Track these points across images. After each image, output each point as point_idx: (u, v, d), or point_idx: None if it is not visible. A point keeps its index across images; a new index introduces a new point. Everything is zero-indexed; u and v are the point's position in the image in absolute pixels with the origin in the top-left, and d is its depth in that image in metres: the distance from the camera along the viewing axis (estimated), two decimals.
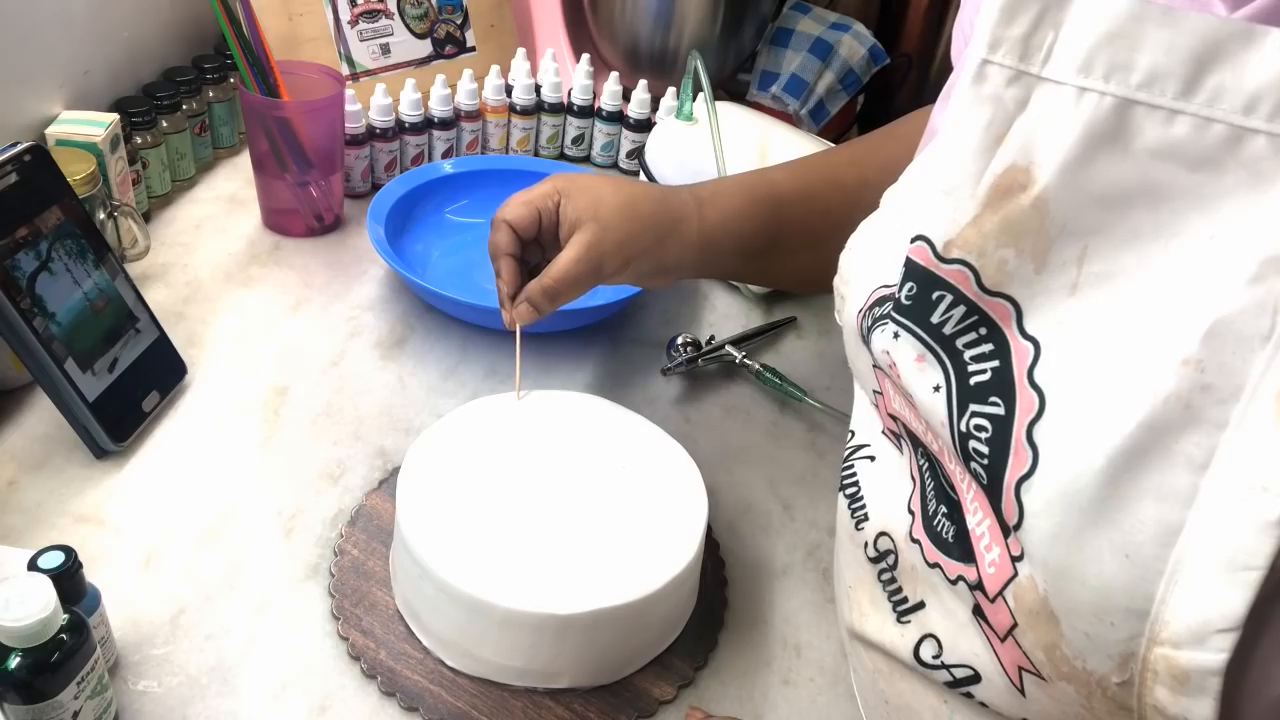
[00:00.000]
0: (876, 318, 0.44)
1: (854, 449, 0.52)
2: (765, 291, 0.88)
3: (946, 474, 0.43)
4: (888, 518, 0.47)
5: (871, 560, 0.48)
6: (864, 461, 0.51)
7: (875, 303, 0.45)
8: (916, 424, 0.44)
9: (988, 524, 0.39)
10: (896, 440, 0.48)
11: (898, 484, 0.47)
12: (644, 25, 1.07)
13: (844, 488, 0.51)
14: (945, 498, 0.43)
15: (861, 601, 0.49)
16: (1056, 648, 0.36)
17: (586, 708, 0.54)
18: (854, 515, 0.50)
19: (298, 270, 0.84)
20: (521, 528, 0.55)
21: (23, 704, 0.43)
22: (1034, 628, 0.37)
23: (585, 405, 0.64)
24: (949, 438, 0.40)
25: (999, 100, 0.37)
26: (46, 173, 0.63)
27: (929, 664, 0.44)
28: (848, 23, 1.13)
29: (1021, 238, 0.36)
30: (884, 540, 0.47)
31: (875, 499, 0.49)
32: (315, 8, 0.95)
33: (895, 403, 0.46)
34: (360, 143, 0.92)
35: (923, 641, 0.45)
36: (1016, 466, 0.36)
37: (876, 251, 0.47)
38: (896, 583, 0.46)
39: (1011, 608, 0.38)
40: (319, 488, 0.65)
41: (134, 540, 0.59)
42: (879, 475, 0.49)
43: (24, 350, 0.60)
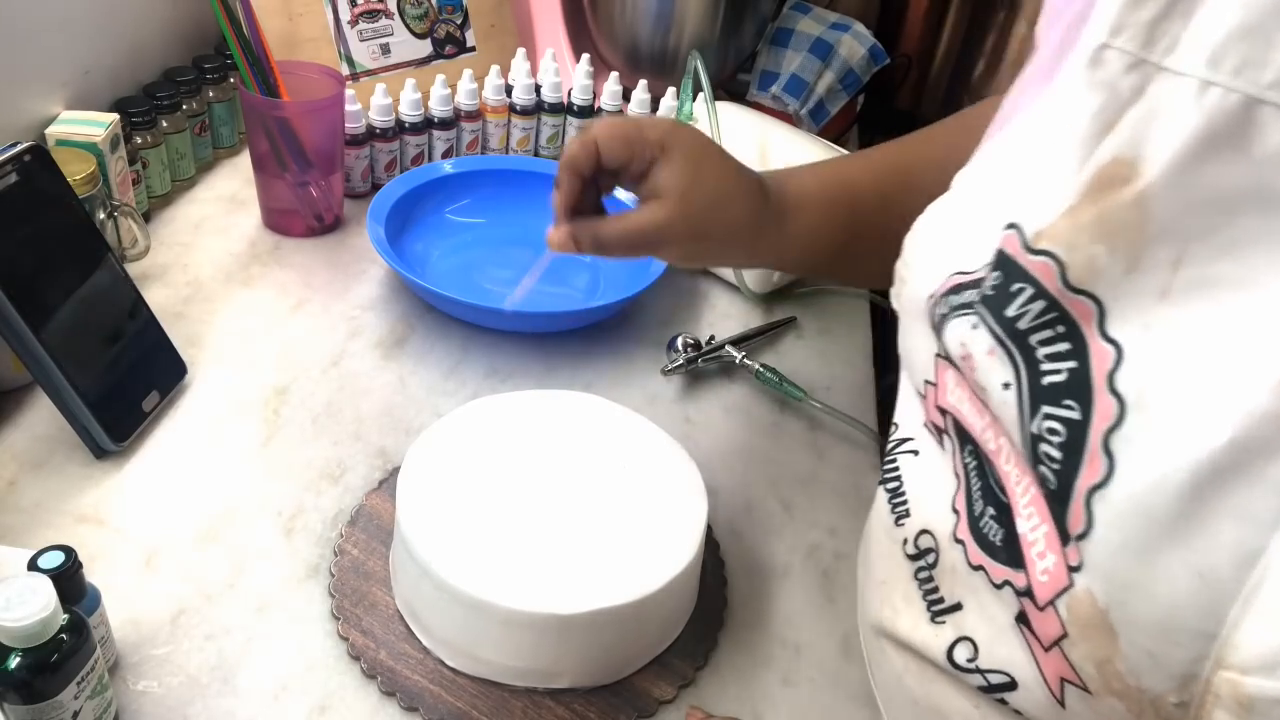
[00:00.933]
0: (954, 306, 0.42)
1: (897, 442, 0.50)
2: (765, 291, 0.88)
3: (998, 475, 0.41)
4: (930, 515, 0.45)
5: (909, 557, 0.46)
6: (907, 456, 0.49)
7: (952, 289, 0.42)
8: (975, 420, 0.42)
9: (1044, 530, 0.37)
10: (938, 435, 0.46)
11: (941, 480, 0.45)
12: (644, 25, 1.07)
13: (885, 481, 0.49)
14: (994, 500, 0.41)
15: (894, 598, 0.48)
16: (1110, 662, 0.35)
17: (586, 708, 0.54)
18: (894, 510, 0.48)
19: (298, 270, 0.84)
20: (522, 527, 0.55)
21: (23, 704, 0.43)
22: (1087, 640, 0.35)
23: (585, 405, 0.64)
24: (1019, 438, 0.38)
25: (1113, 87, 0.35)
26: (46, 173, 0.63)
27: (963, 667, 0.43)
28: (848, 23, 1.13)
29: (1117, 234, 0.34)
30: (925, 539, 0.45)
31: (917, 495, 0.47)
32: (315, 8, 0.95)
33: (950, 396, 0.44)
34: (360, 143, 0.92)
35: (957, 644, 0.43)
36: (1089, 474, 0.35)
37: (949, 234, 0.45)
38: (934, 582, 0.45)
39: (1063, 618, 0.36)
40: (319, 488, 0.65)
41: (134, 540, 0.59)
42: (921, 471, 0.47)
43: (24, 350, 0.60)
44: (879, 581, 0.50)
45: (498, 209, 0.92)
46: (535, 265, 0.61)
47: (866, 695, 0.58)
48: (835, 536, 0.68)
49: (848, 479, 0.73)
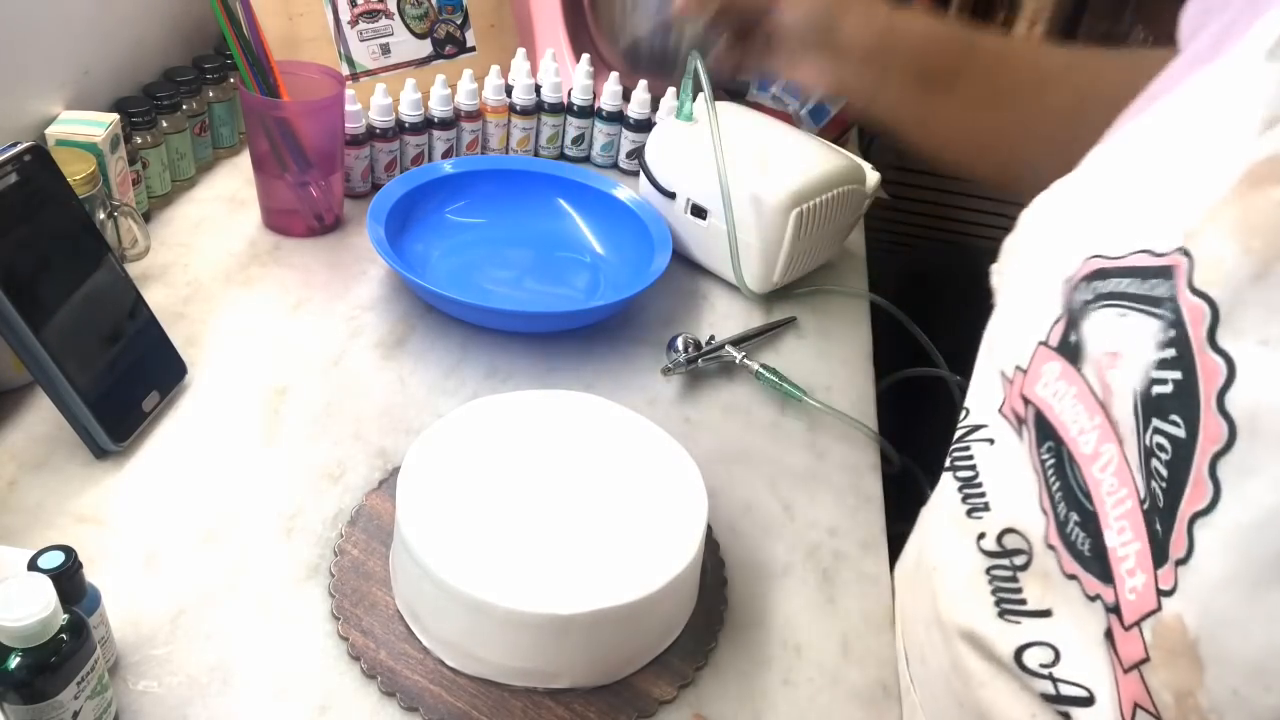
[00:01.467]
0: (1100, 294, 0.39)
1: (969, 428, 0.47)
2: (765, 291, 0.88)
3: (1083, 481, 0.39)
4: (1018, 515, 0.43)
5: (986, 553, 0.44)
6: (982, 444, 0.46)
7: (1095, 274, 0.39)
8: (1078, 420, 0.39)
9: (1136, 547, 0.35)
10: (1017, 425, 0.44)
11: (1022, 475, 0.43)
12: (644, 25, 1.07)
13: (955, 468, 0.47)
14: (1077, 505, 0.39)
15: (953, 587, 0.46)
16: (1191, 695, 0.33)
17: (586, 708, 0.54)
18: (966, 501, 0.46)
19: (298, 270, 0.84)
20: (522, 528, 0.55)
21: (23, 704, 0.43)
22: (1169, 668, 0.34)
23: (585, 405, 0.64)
24: (1135, 448, 0.36)
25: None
26: (46, 173, 0.63)
27: (1032, 670, 0.41)
28: None
29: (1254, 234, 0.31)
30: (1014, 539, 0.43)
31: (1000, 490, 0.44)
32: (315, 8, 0.95)
33: (1043, 389, 0.41)
34: (360, 143, 0.92)
35: (1031, 647, 0.41)
36: (1194, 499, 0.32)
37: (1084, 215, 0.42)
38: (1017, 583, 0.43)
39: (1147, 642, 0.35)
40: (319, 488, 0.65)
41: (134, 540, 0.59)
42: (1001, 462, 0.45)
43: (24, 350, 0.60)
44: (932, 567, 0.48)
45: (498, 209, 0.92)
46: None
47: (867, 695, 0.58)
48: (835, 536, 0.68)
49: (848, 479, 0.73)
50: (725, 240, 0.84)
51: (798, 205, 0.83)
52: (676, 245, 0.88)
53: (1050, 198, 0.45)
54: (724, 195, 0.83)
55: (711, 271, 0.91)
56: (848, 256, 0.99)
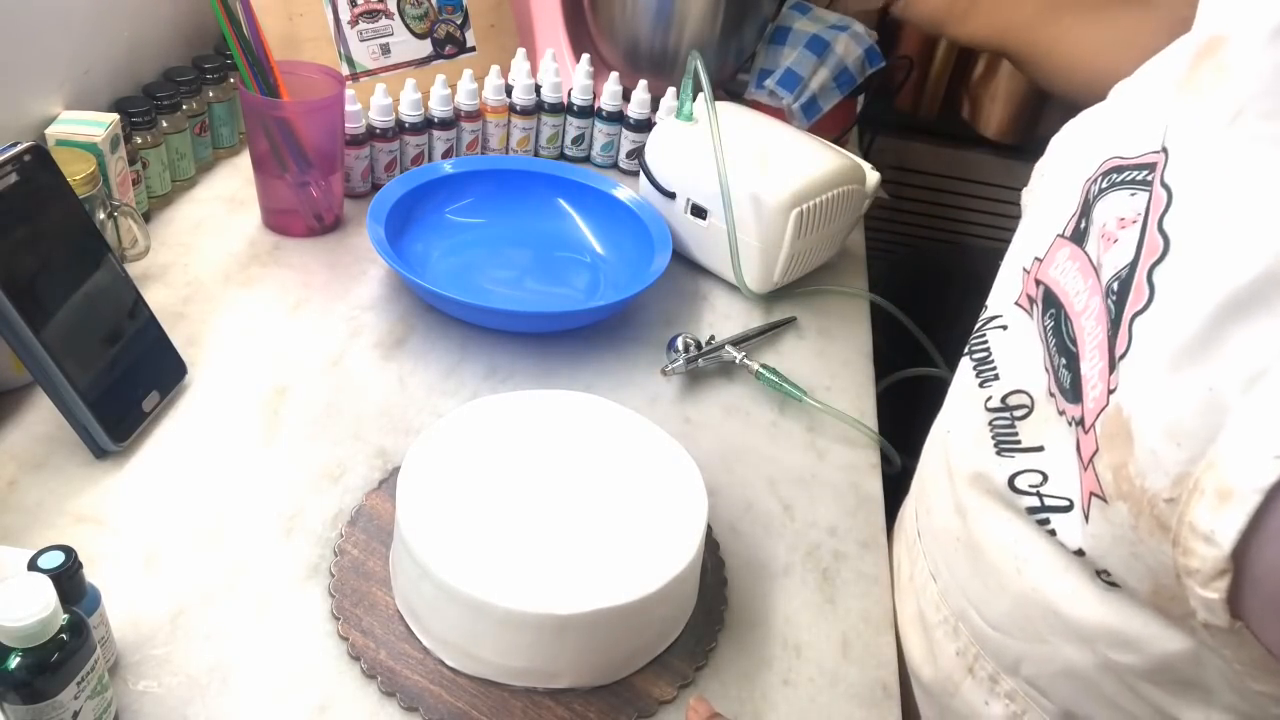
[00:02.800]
0: (1115, 182, 0.47)
1: (987, 320, 0.57)
2: (765, 291, 0.88)
3: (1073, 330, 0.47)
4: (1024, 377, 0.52)
5: (990, 410, 0.53)
6: (996, 331, 0.56)
7: (1113, 169, 0.48)
8: (1076, 284, 0.48)
9: (1099, 367, 0.43)
10: (1029, 306, 0.53)
11: (1031, 348, 0.52)
12: (644, 25, 1.07)
13: (972, 353, 0.57)
14: (1065, 350, 0.48)
15: (963, 442, 0.56)
16: (1124, 467, 0.40)
17: (586, 708, 0.54)
18: (979, 375, 0.55)
19: (298, 270, 0.84)
20: (521, 527, 0.55)
21: (23, 704, 0.43)
22: (1110, 450, 0.41)
23: (585, 405, 0.64)
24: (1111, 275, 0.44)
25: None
26: (46, 173, 0.63)
27: (1022, 490, 0.49)
28: (847, 23, 1.13)
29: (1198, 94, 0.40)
30: (1017, 396, 0.52)
31: (1008, 361, 0.54)
32: (315, 8, 0.95)
33: (1054, 269, 0.50)
34: (360, 143, 0.92)
35: (1022, 474, 0.49)
36: (1134, 301, 0.41)
37: (1107, 128, 0.51)
38: (1014, 429, 0.51)
39: (1098, 434, 0.42)
40: (319, 488, 0.65)
41: (134, 540, 0.59)
42: (1012, 341, 0.54)
43: (24, 350, 0.60)
44: (945, 431, 0.59)
45: (498, 209, 0.92)
46: None
47: (867, 695, 0.58)
48: (835, 536, 0.68)
49: (848, 479, 0.73)
50: (725, 240, 0.84)
51: (798, 205, 0.83)
52: (676, 245, 0.88)
53: (1078, 123, 0.55)
54: (724, 195, 0.83)
55: (711, 271, 0.91)
56: (848, 256, 0.99)
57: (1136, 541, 0.40)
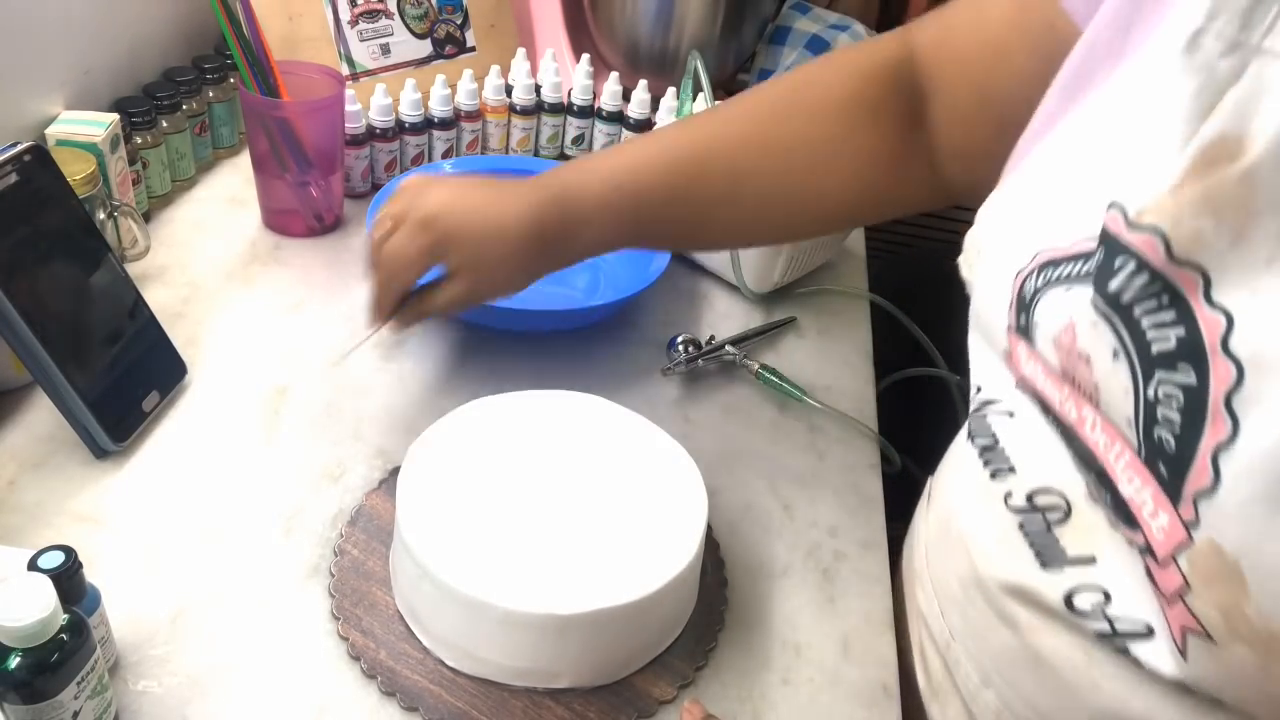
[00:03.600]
0: (1050, 280, 0.43)
1: (984, 403, 0.51)
2: (765, 291, 0.88)
3: (1084, 443, 0.43)
4: (1050, 474, 0.46)
5: (1015, 510, 0.48)
6: (1001, 417, 0.50)
7: (1046, 264, 0.44)
8: (1051, 392, 0.44)
9: (1149, 491, 0.39)
10: (1035, 398, 0.47)
11: (1052, 442, 0.46)
12: (644, 25, 1.07)
13: (974, 438, 0.51)
14: (1088, 465, 0.43)
15: (987, 548, 0.49)
16: (1239, 607, 0.36)
17: (586, 708, 0.54)
18: (988, 466, 0.50)
19: (298, 270, 0.84)
20: (521, 528, 0.55)
21: (23, 704, 0.43)
22: (1211, 589, 0.37)
23: (585, 405, 0.64)
24: (1132, 405, 0.39)
25: (1212, 69, 0.36)
26: (46, 173, 0.63)
27: (1084, 612, 0.44)
28: (847, 23, 1.13)
29: (1223, 209, 0.36)
30: (1047, 497, 0.46)
31: (1025, 456, 0.48)
32: (315, 8, 0.95)
33: (1025, 368, 0.46)
34: (360, 143, 0.92)
35: (1080, 591, 0.44)
36: (1214, 434, 0.36)
37: (1032, 213, 0.46)
38: (1052, 534, 0.46)
39: (1185, 571, 0.38)
40: (319, 488, 0.65)
41: (134, 540, 0.59)
42: (1024, 431, 0.48)
43: (24, 350, 0.60)
44: (962, 532, 0.52)
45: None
46: (369, 332, 0.66)
47: (867, 695, 0.58)
48: (835, 536, 0.68)
49: (848, 479, 0.73)
50: None
51: None
52: None
53: (1001, 195, 0.50)
54: None
55: (711, 271, 0.91)
56: (848, 256, 0.99)
57: (1267, 681, 0.37)
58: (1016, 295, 0.45)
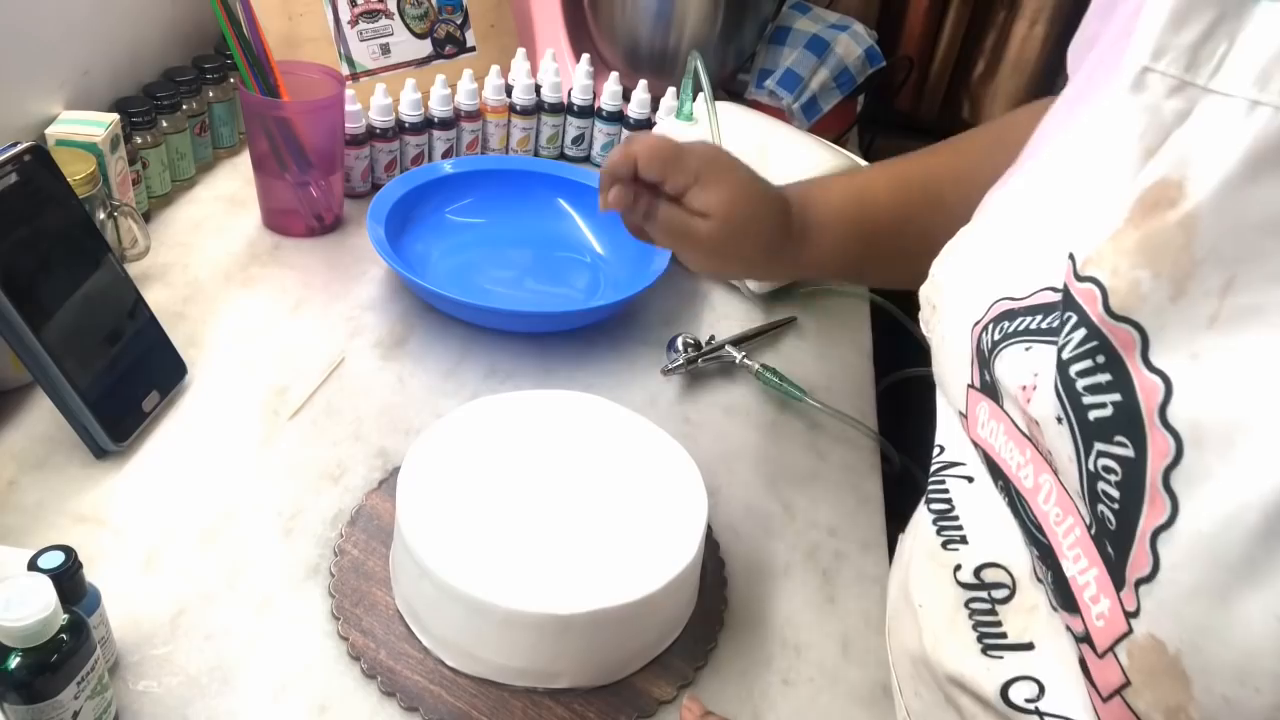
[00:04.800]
0: (1007, 333, 0.40)
1: (945, 464, 0.48)
2: (765, 291, 0.88)
3: (1034, 515, 0.40)
4: (1001, 550, 0.43)
5: (963, 585, 0.45)
6: (960, 481, 0.47)
7: (1003, 315, 0.41)
8: (1011, 456, 0.41)
9: (1094, 574, 0.36)
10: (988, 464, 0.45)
11: (1004, 513, 0.43)
12: (644, 25, 1.07)
13: (930, 502, 0.48)
14: (1034, 540, 0.40)
15: (935, 625, 0.46)
16: (1184, 710, 0.33)
17: (586, 708, 0.54)
18: (940, 534, 0.47)
19: (298, 270, 0.84)
20: (521, 528, 0.55)
21: (23, 704, 0.43)
22: (1153, 688, 0.34)
23: (585, 405, 0.64)
24: (1075, 475, 0.37)
25: (1157, 110, 0.34)
26: (46, 173, 0.63)
27: (1019, 707, 0.41)
28: (847, 23, 1.13)
29: (1162, 258, 0.33)
30: (994, 572, 0.44)
31: (978, 525, 0.45)
32: (315, 8, 0.95)
33: (982, 430, 0.43)
34: (360, 143, 0.92)
35: (1015, 682, 0.41)
36: (1152, 515, 0.33)
37: (988, 260, 0.44)
38: (996, 616, 0.43)
39: (1124, 665, 0.35)
40: (319, 488, 0.65)
41: (134, 540, 0.59)
42: (980, 499, 0.45)
43: (24, 350, 0.60)
44: (918, 605, 0.48)
45: (498, 209, 0.92)
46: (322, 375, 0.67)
47: (867, 695, 0.58)
48: (835, 536, 0.68)
49: (848, 479, 0.73)
50: None
51: None
52: None
53: (956, 245, 0.47)
54: None
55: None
56: None
57: None
58: (975, 350, 0.43)
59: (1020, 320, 0.40)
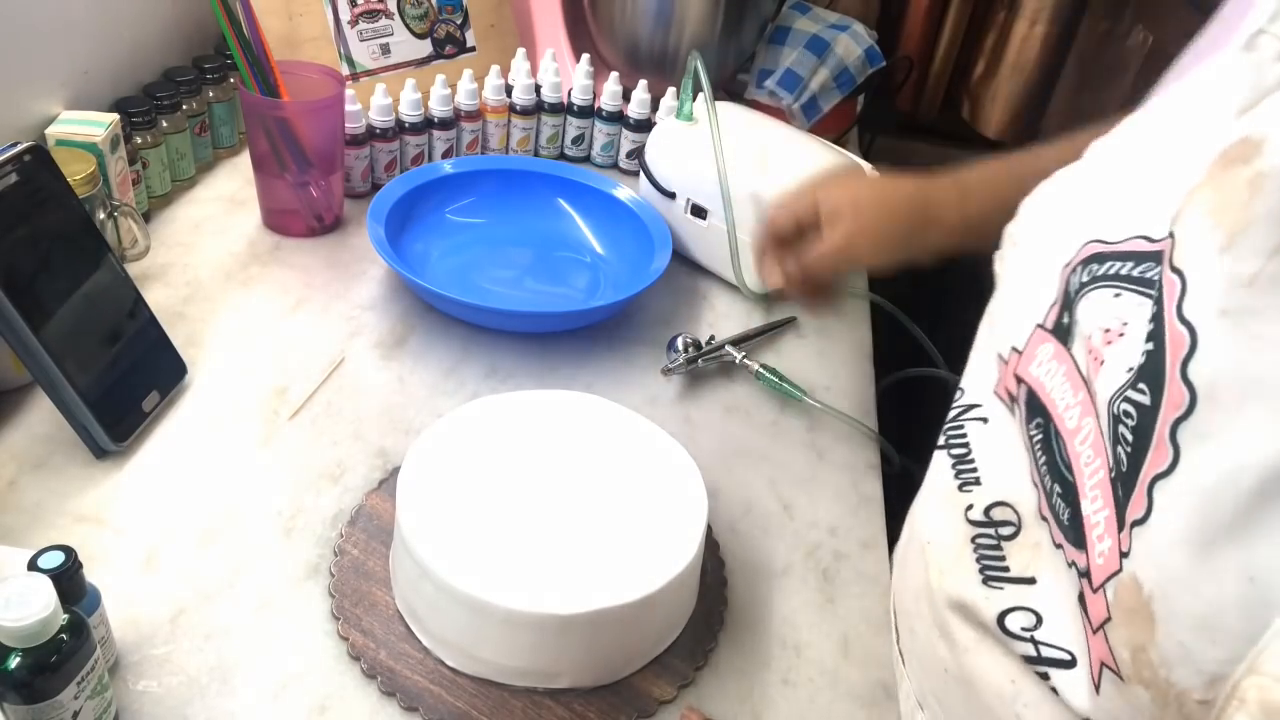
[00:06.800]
0: (1096, 276, 0.40)
1: (964, 408, 0.49)
2: (765, 291, 0.88)
3: (1066, 454, 0.40)
4: (1009, 489, 0.45)
5: (972, 523, 0.46)
6: (976, 423, 0.48)
7: (1092, 258, 0.41)
8: (1063, 395, 0.41)
9: (1105, 514, 0.37)
10: (1010, 403, 0.46)
11: (1015, 452, 0.45)
12: (644, 25, 1.07)
13: (949, 446, 0.49)
14: (1059, 476, 0.41)
15: (942, 559, 0.48)
16: (1144, 650, 0.34)
17: (586, 708, 0.54)
18: (958, 476, 0.48)
19: (298, 270, 0.84)
20: (521, 528, 0.55)
21: (23, 704, 0.43)
22: (1127, 625, 0.35)
23: (585, 405, 0.64)
24: (1107, 418, 0.38)
25: (1260, 71, 0.35)
26: (46, 173, 0.63)
27: (1015, 634, 0.43)
28: (847, 23, 1.13)
29: (1222, 211, 0.33)
30: (1002, 510, 0.45)
31: (991, 465, 0.46)
32: (315, 8, 0.95)
33: (1037, 368, 0.43)
34: (360, 143, 0.92)
35: (1013, 611, 0.43)
36: (1155, 462, 0.34)
37: (1083, 202, 0.44)
38: (1000, 551, 0.44)
39: (1110, 601, 0.36)
40: (319, 488, 0.65)
41: (134, 540, 0.59)
42: (994, 440, 0.46)
43: (24, 350, 0.60)
44: (925, 542, 0.50)
45: (498, 209, 0.92)
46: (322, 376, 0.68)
47: (867, 695, 0.58)
48: (835, 536, 0.68)
49: (848, 479, 0.73)
50: (725, 240, 0.84)
51: None
52: (676, 245, 0.88)
53: (1052, 186, 0.47)
54: (723, 195, 0.83)
55: (711, 271, 0.91)
56: None
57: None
58: (1063, 290, 0.43)
59: (1110, 265, 0.40)
